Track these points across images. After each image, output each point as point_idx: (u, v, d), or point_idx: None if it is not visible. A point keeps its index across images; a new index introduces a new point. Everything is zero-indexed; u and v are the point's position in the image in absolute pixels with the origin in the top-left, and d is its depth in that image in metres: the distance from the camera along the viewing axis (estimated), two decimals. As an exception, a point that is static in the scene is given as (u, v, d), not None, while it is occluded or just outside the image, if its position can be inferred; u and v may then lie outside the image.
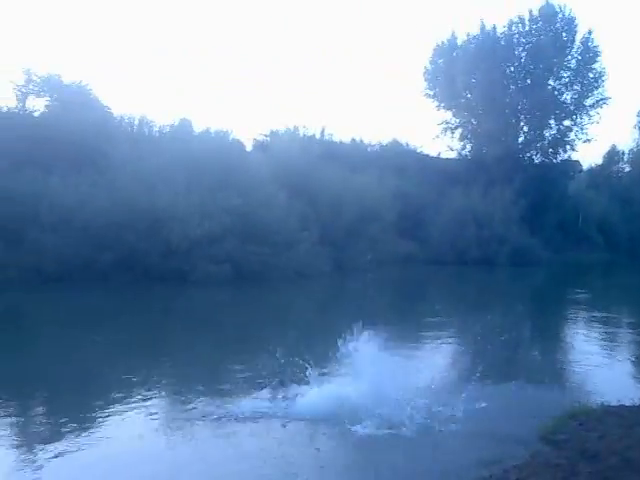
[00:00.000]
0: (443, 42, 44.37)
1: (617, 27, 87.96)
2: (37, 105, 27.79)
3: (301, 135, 36.32)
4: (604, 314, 20.22)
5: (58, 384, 9.96)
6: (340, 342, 8.59)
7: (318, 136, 37.89)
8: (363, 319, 8.77)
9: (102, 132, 25.89)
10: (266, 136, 37.28)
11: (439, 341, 14.55)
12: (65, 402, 9.10)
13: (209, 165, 25.34)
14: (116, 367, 10.97)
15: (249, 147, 34.75)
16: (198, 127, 29.87)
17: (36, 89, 27.63)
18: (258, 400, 8.81)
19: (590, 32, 42.73)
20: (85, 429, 7.64)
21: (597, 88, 42.93)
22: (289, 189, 27.28)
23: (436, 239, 33.86)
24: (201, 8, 77.42)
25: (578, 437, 7.03)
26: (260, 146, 34.86)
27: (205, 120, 66.35)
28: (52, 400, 9.31)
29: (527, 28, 43.07)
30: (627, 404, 8.43)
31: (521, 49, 43.22)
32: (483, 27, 43.11)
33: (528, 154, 44.10)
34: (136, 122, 29.44)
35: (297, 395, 8.83)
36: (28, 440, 7.36)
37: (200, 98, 67.53)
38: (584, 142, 43.85)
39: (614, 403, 8.48)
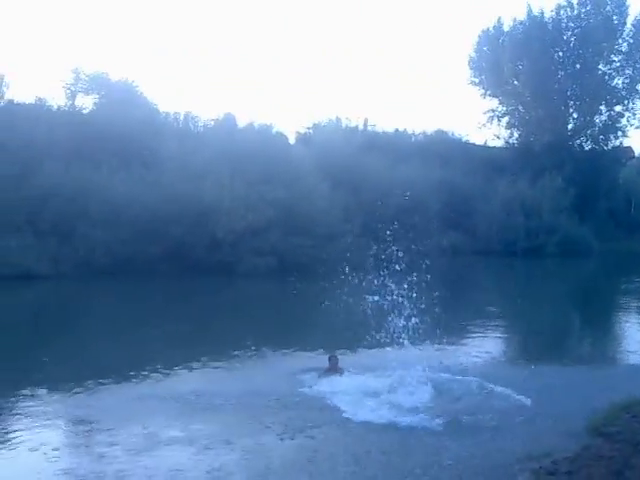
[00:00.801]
0: (489, 29, 43.46)
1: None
2: (86, 103, 28.69)
3: (344, 126, 36.26)
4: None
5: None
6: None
7: (361, 127, 37.72)
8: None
9: (149, 128, 26.44)
10: (309, 128, 37.35)
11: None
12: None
13: (253, 158, 25.57)
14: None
15: (292, 140, 34.92)
16: (242, 121, 30.22)
17: (84, 87, 28.47)
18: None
19: (642, 14, 41.14)
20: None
21: (650, 72, 41.33)
22: (332, 181, 27.24)
23: (483, 229, 33.16)
24: (244, 6, 78.03)
25: (631, 429, 6.76)
26: (303, 139, 34.94)
27: (249, 114, 66.63)
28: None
29: (576, 12, 41.76)
30: None
31: (570, 34, 41.94)
32: (530, 12, 41.98)
33: (578, 141, 42.90)
34: (181, 118, 29.95)
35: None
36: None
37: (243, 93, 68.24)
38: (636, 128, 42.35)
39: None
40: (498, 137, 43.94)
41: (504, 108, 43.47)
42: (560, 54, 41.94)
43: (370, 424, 7.49)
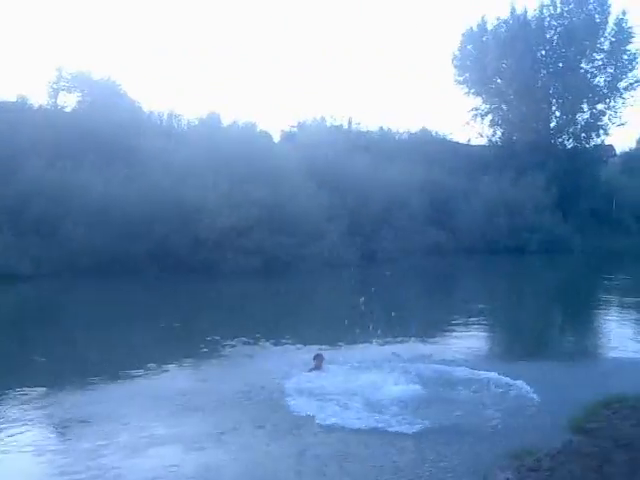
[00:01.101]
0: (472, 27, 43.62)
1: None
2: (68, 101, 28.39)
3: (328, 125, 36.23)
4: (636, 299, 19.85)
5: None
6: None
7: (346, 126, 37.73)
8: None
9: (132, 127, 26.28)
10: (293, 127, 37.33)
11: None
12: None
13: (237, 157, 25.50)
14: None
15: (277, 138, 34.85)
16: (226, 120, 30.08)
17: (67, 85, 28.16)
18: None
19: (624, 13, 41.50)
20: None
21: (631, 70, 41.58)
22: (317, 179, 27.28)
23: (466, 228, 33.34)
24: (228, 4, 77.70)
25: (611, 426, 6.90)
26: (288, 137, 34.90)
27: (233, 113, 66.36)
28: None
29: (559, 11, 41.95)
30: None
31: (553, 32, 42.10)
32: (513, 11, 42.14)
33: (560, 139, 43.10)
34: (165, 116, 29.78)
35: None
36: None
37: (228, 92, 67.93)
38: (618, 126, 42.67)
39: None
40: (482, 135, 44.12)
41: (487, 106, 43.55)
42: (543, 53, 42.12)
43: (353, 425, 7.52)
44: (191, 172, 24.08)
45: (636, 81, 41.58)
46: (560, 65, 41.72)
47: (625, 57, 41.59)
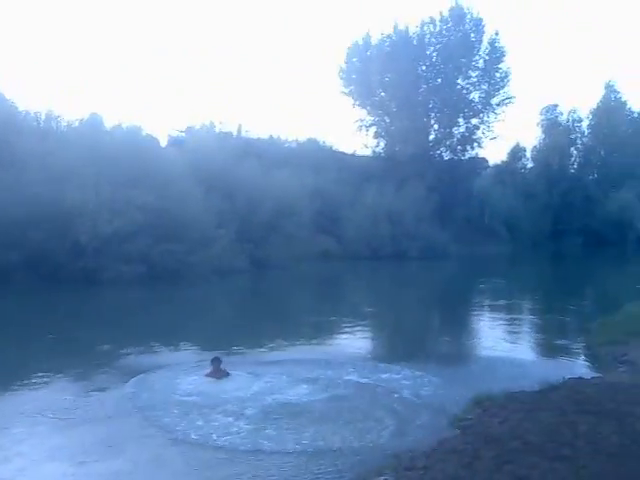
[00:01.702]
0: (357, 41, 45.06)
1: (522, 29, 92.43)
2: None
3: (217, 131, 35.87)
4: (507, 301, 21.56)
5: None
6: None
7: (235, 133, 37.56)
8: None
9: (6, 127, 24.54)
10: (181, 132, 36.62)
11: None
12: None
13: (120, 161, 24.55)
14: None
15: (164, 143, 33.98)
16: (110, 123, 28.86)
17: None
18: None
19: (497, 33, 44.76)
20: None
21: (503, 87, 45.04)
22: (205, 185, 26.94)
23: (352, 235, 34.58)
24: (113, 5, 74.56)
25: (482, 423, 7.41)
26: (175, 142, 34.16)
27: (120, 117, 63.65)
28: None
29: (438, 29, 44.49)
30: (527, 390, 8.82)
31: (432, 49, 44.58)
32: (396, 27, 44.17)
33: (438, 152, 45.62)
34: (43, 117, 28.06)
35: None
36: None
37: (113, 94, 65.22)
38: (491, 139, 45.98)
39: (517, 389, 8.87)
40: (367, 146, 45.71)
41: (372, 118, 45.20)
42: (424, 68, 44.45)
43: (216, 442, 7.35)
44: (70, 175, 22.89)
45: (507, 97, 45.04)
46: (439, 81, 44.20)
47: (498, 75, 44.91)
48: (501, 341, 14.40)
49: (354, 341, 14.00)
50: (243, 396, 8.93)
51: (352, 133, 45.26)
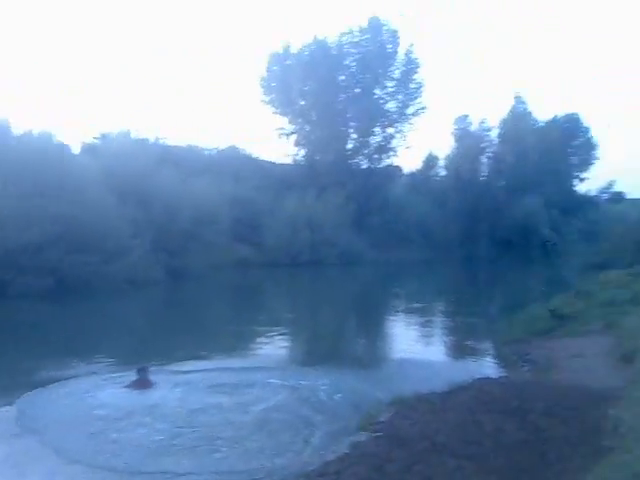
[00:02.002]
0: (278, 50, 45.29)
1: (436, 43, 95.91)
2: None
3: (133, 138, 34.85)
4: (420, 305, 22.36)
5: None
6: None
7: (152, 140, 36.66)
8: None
9: None
10: (96, 139, 35.34)
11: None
12: None
13: (29, 169, 23.45)
14: None
15: (77, 150, 32.62)
16: (18, 129, 27.35)
17: None
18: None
19: (412, 45, 46.06)
20: None
21: (417, 98, 46.29)
22: (120, 194, 26.15)
23: (271, 243, 34.69)
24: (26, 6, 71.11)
25: (393, 425, 7.64)
26: (89, 149, 32.90)
27: (31, 124, 60.65)
28: None
29: (356, 39, 45.28)
30: (437, 391, 9.12)
31: (351, 59, 45.30)
32: (316, 37, 44.70)
33: (356, 160, 46.33)
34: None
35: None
36: None
37: (24, 100, 62.11)
38: (405, 148, 47.35)
39: (427, 390, 9.14)
40: (287, 155, 45.83)
41: (292, 127, 45.39)
42: (342, 78, 45.02)
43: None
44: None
45: (421, 108, 46.38)
46: (357, 90, 45.01)
47: (412, 85, 46.14)
48: (414, 343, 14.96)
49: (274, 348, 14.15)
50: (156, 409, 8.83)
51: (273, 141, 45.13)
